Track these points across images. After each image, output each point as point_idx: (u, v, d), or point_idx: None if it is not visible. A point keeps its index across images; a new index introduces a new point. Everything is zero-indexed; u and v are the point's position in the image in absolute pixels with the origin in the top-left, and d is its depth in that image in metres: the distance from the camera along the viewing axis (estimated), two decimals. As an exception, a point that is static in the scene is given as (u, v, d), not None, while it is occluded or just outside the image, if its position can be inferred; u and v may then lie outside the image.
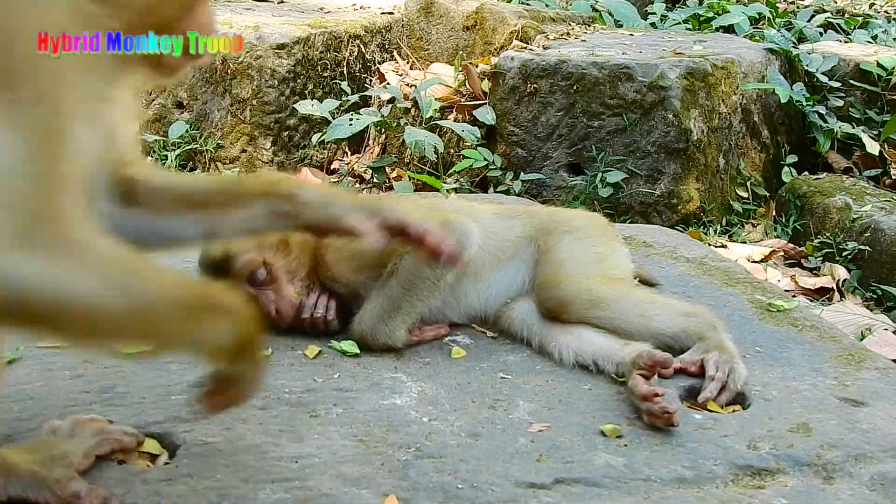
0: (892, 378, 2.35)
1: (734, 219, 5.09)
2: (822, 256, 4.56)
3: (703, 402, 2.17)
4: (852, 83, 5.69)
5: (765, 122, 5.46)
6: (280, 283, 2.45)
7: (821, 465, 1.94)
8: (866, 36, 7.31)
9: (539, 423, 2.06)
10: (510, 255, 2.57)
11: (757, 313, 2.70)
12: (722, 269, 3.08)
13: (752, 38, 6.37)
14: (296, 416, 2.05)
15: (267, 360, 2.28)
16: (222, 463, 1.85)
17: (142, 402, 2.06)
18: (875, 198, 4.71)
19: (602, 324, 2.36)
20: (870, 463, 1.96)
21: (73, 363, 2.23)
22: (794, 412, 2.14)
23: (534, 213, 2.77)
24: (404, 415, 2.08)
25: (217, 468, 1.83)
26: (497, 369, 2.33)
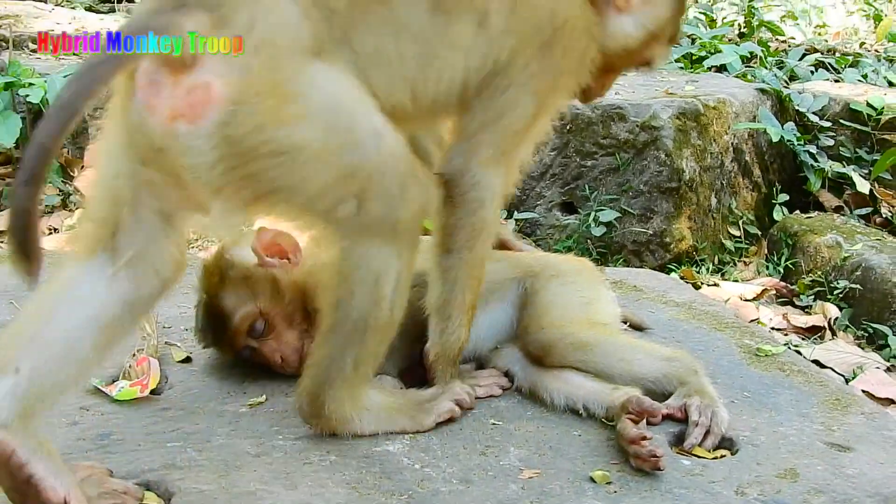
0: (878, 423, 2.37)
1: (726, 257, 5.11)
2: (814, 295, 4.58)
3: (689, 447, 2.19)
4: (843, 122, 5.73)
5: (756, 161, 5.49)
6: (280, 330, 2.45)
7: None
8: (857, 75, 7.34)
9: (530, 470, 2.08)
10: (497, 297, 2.59)
11: (745, 358, 2.73)
12: (711, 313, 3.11)
13: (743, 78, 6.40)
14: (290, 463, 2.06)
15: (261, 406, 2.33)
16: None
17: (137, 450, 2.09)
18: (866, 236, 4.74)
19: (585, 367, 2.38)
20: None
21: (69, 410, 2.25)
22: (781, 457, 2.17)
23: (521, 256, 2.79)
24: (397, 461, 2.09)
25: (211, 516, 1.85)
26: (488, 415, 2.34)
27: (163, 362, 2.51)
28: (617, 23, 2.39)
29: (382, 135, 1.98)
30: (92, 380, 2.37)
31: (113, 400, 2.31)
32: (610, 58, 2.43)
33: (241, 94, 1.81)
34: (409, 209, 2.02)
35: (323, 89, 1.93)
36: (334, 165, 1.93)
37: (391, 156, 1.99)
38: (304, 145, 1.88)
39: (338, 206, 1.95)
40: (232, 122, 1.81)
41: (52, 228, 5.14)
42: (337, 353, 2.10)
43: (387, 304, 2.06)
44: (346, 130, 1.94)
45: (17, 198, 1.72)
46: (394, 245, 2.03)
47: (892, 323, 4.29)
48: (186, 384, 2.45)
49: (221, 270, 2.44)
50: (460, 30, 2.13)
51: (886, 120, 5.62)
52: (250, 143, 1.84)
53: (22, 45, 6.54)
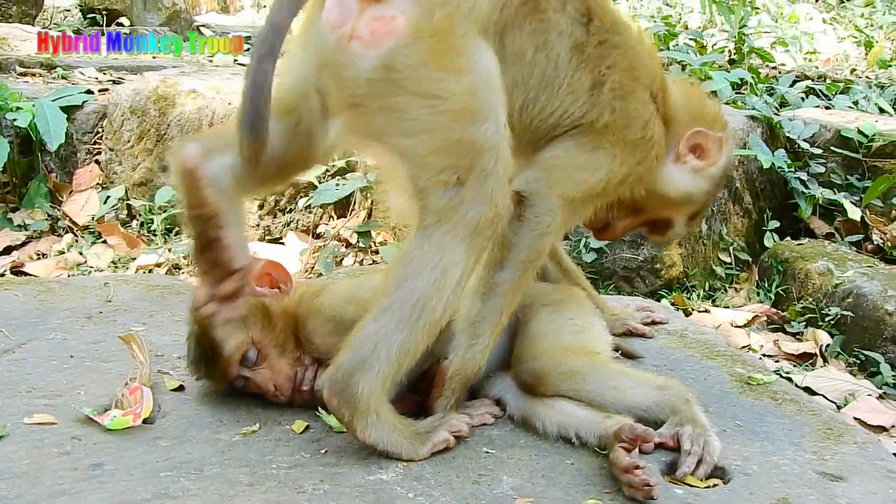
0: (871, 453, 2.39)
1: (717, 283, 5.14)
2: (805, 321, 4.60)
3: (681, 476, 2.21)
4: (833, 149, 5.76)
5: (747, 187, 5.52)
6: (272, 358, 2.47)
7: (800, 542, 1.99)
8: (847, 101, 7.39)
9: (523, 499, 2.09)
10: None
11: (737, 387, 2.75)
12: (702, 341, 3.13)
13: (734, 105, 6.44)
14: (283, 493, 2.07)
15: (254, 435, 2.34)
16: (210, 541, 1.88)
17: (129, 480, 2.09)
18: (857, 263, 4.76)
19: (577, 396, 2.40)
20: (848, 539, 2.00)
21: (61, 440, 2.26)
22: (773, 487, 2.18)
23: None
24: (390, 490, 2.11)
25: (205, 547, 1.86)
26: (481, 443, 2.36)
27: (155, 391, 2.51)
28: (671, 169, 2.64)
29: (501, 127, 2.16)
30: (84, 409, 2.39)
31: (105, 429, 2.32)
32: (649, 198, 2.65)
33: (420, 31, 2.05)
34: (492, 209, 2.15)
35: (482, 60, 2.15)
36: (458, 129, 2.10)
37: (501, 149, 2.16)
38: (447, 97, 2.08)
39: (441, 176, 2.11)
40: (401, 52, 2.05)
41: (40, 253, 5.14)
42: (386, 334, 2.15)
43: (445, 297, 2.15)
44: (482, 105, 2.13)
45: (253, 73, 1.98)
46: (467, 245, 2.14)
47: (884, 350, 4.31)
48: (179, 413, 2.46)
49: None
50: (581, 78, 2.39)
51: (877, 147, 5.65)
52: (406, 76, 2.07)
53: (9, 69, 6.55)
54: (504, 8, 2.23)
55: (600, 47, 2.42)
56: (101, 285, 3.45)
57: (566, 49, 2.36)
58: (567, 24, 2.36)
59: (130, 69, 6.93)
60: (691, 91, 2.77)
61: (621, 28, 2.52)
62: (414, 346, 2.17)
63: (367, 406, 2.17)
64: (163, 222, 5.26)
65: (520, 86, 2.33)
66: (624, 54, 2.48)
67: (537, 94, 2.36)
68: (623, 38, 2.50)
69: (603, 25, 2.44)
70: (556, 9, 2.35)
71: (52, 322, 3.04)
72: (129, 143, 5.55)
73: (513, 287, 2.39)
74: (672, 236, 2.89)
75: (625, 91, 2.45)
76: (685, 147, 2.64)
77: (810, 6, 14.60)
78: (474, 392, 2.57)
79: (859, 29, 11.64)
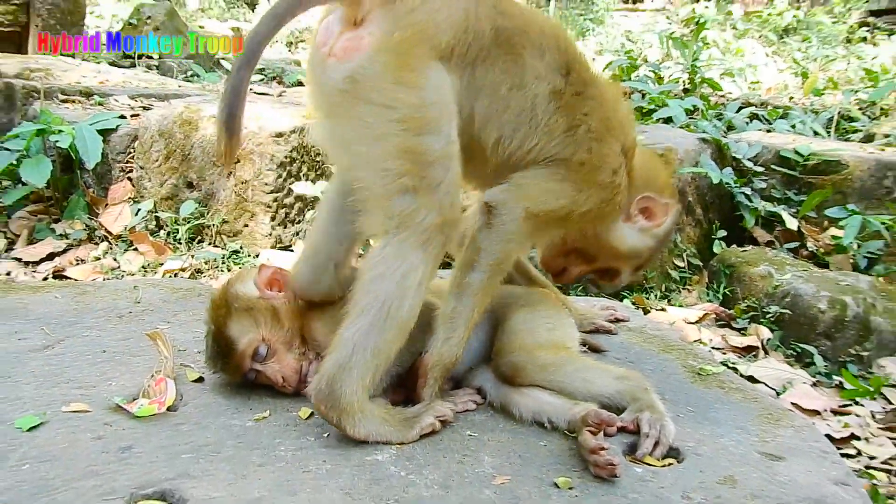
0: (806, 435, 2.39)
1: (672, 285, 5.15)
2: (749, 318, 4.62)
3: (640, 457, 2.21)
4: (774, 168, 5.79)
5: (698, 201, 5.53)
6: (280, 354, 2.46)
7: (745, 514, 1.98)
8: (786, 125, 7.43)
9: (501, 476, 2.08)
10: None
11: (689, 377, 2.74)
12: (659, 337, 3.13)
13: (687, 129, 6.46)
14: (291, 472, 2.06)
15: (265, 420, 2.33)
16: (225, 516, 1.86)
17: (155, 461, 2.08)
18: (794, 268, 4.79)
19: (549, 386, 2.39)
20: (787, 512, 1.99)
21: (95, 426, 2.24)
22: (721, 466, 2.18)
23: None
24: (385, 469, 2.10)
25: (221, 521, 1.85)
26: (465, 427, 2.35)
27: (178, 382, 2.50)
28: (622, 226, 2.66)
29: (451, 142, 2.17)
30: (115, 398, 2.37)
31: (133, 416, 2.31)
32: (601, 249, 2.70)
33: (380, 49, 2.10)
34: (441, 216, 2.14)
35: (436, 79, 2.16)
36: (408, 138, 2.12)
37: (451, 162, 2.17)
38: (397, 107, 2.10)
39: (395, 183, 2.12)
40: (364, 66, 2.10)
41: (79, 259, 5.12)
42: (360, 337, 2.14)
43: (408, 298, 2.13)
44: (432, 117, 2.14)
45: (232, 79, 2.08)
46: (422, 250, 2.14)
47: (817, 343, 4.34)
48: (199, 401, 2.44)
49: (227, 303, 2.46)
50: (558, 121, 2.37)
51: (812, 165, 5.68)
52: (367, 86, 2.11)
53: (52, 96, 6.53)
54: (473, 44, 2.23)
55: (577, 97, 2.40)
56: (131, 288, 3.43)
57: (544, 93, 2.34)
58: (545, 70, 2.34)
59: (159, 97, 6.92)
60: (649, 159, 2.78)
61: (599, 85, 2.50)
62: (386, 345, 2.16)
63: (352, 406, 2.17)
64: (186, 232, 5.24)
65: (494, 119, 2.32)
66: (600, 106, 2.46)
67: (514, 130, 2.34)
68: (600, 94, 2.48)
69: (581, 79, 2.43)
70: (532, 55, 2.33)
71: (88, 321, 3.02)
72: (157, 162, 5.52)
73: (482, 287, 2.38)
74: (619, 283, 2.88)
75: (600, 136, 2.43)
76: (636, 208, 2.65)
77: (754, 42, 14.68)
78: (459, 383, 2.56)
79: (796, 62, 11.69)
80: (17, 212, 5.53)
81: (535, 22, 2.39)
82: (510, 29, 2.30)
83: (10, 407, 2.33)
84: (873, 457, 3.39)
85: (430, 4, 2.17)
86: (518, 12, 2.36)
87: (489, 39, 2.25)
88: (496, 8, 2.30)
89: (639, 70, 9.10)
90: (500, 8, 2.31)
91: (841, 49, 13.73)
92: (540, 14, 2.49)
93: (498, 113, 2.31)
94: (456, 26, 2.20)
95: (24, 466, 2.03)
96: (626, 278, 2.85)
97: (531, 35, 2.34)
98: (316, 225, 2.57)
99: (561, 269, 2.78)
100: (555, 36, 2.41)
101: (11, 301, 3.19)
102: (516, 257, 2.50)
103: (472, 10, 2.24)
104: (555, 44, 2.39)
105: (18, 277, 4.81)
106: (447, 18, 2.19)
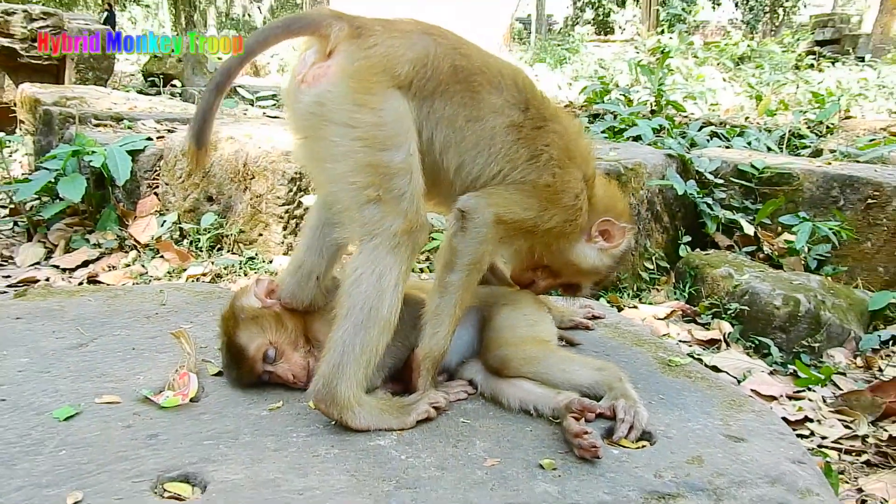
0: (765, 419, 2.37)
1: (643, 285, 5.15)
2: (712, 314, 4.62)
3: (616, 440, 2.19)
4: (732, 180, 5.80)
5: (665, 210, 5.54)
6: (288, 353, 2.43)
7: (711, 490, 1.95)
8: (743, 142, 7.45)
9: (492, 459, 2.07)
10: (462, 322, 2.55)
11: (660, 368, 2.73)
12: (632, 332, 3.11)
13: (655, 146, 6.47)
14: (302, 456, 2.04)
15: (278, 410, 2.31)
16: (244, 496, 1.84)
17: (179, 447, 2.06)
18: (752, 269, 4.79)
19: (534, 377, 2.37)
20: (749, 487, 1.97)
21: (125, 415, 2.22)
22: (689, 447, 2.16)
23: (479, 289, 2.78)
24: (387, 453, 2.08)
25: (240, 500, 1.82)
26: (458, 415, 2.33)
27: (200, 375, 2.48)
28: (583, 246, 2.64)
29: (411, 155, 2.16)
30: (143, 390, 2.35)
31: (160, 407, 2.28)
32: (565, 266, 2.68)
33: (343, 76, 2.12)
34: (407, 223, 2.14)
35: (393, 103, 2.17)
36: (369, 154, 2.12)
37: (413, 173, 2.16)
38: (358, 126, 2.11)
39: (363, 195, 2.13)
40: (328, 90, 2.13)
41: (111, 266, 5.09)
42: (349, 337, 2.13)
43: (386, 299, 2.12)
44: (391, 135, 2.14)
45: (203, 100, 2.10)
46: (394, 253, 2.13)
47: (773, 336, 4.34)
48: (219, 393, 2.42)
49: (234, 315, 2.44)
50: (518, 151, 2.35)
51: (766, 178, 5.70)
52: (331, 108, 2.12)
53: (86, 121, 6.52)
54: (431, 79, 2.22)
55: (538, 130, 2.39)
56: (157, 292, 3.41)
57: (502, 125, 2.32)
58: (502, 105, 2.33)
59: (182, 121, 6.91)
60: (609, 186, 2.76)
61: (560, 120, 2.48)
62: (372, 342, 2.14)
63: (350, 402, 2.15)
64: (207, 241, 5.22)
65: (454, 147, 2.30)
66: (561, 138, 2.43)
67: (474, 158, 2.33)
68: (562, 128, 2.46)
69: (540, 114, 2.41)
70: (489, 91, 2.31)
71: (118, 321, 3.00)
72: (180, 179, 5.51)
73: (462, 285, 2.35)
74: (581, 296, 2.91)
75: (562, 164, 2.42)
76: (596, 230, 2.64)
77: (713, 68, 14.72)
78: (452, 375, 2.55)
79: (751, 86, 11.72)
80: (55, 224, 5.52)
81: (493, 64, 2.37)
82: (469, 68, 2.29)
83: (49, 399, 2.31)
84: (825, 437, 3.39)
85: (391, 41, 2.20)
86: (477, 54, 2.35)
87: (447, 75, 2.25)
88: (456, 49, 2.30)
89: (611, 94, 9.11)
90: (460, 50, 2.30)
91: (791, 75, 13.78)
92: (499, 58, 2.46)
93: (456, 142, 2.30)
94: (415, 61, 2.20)
95: (61, 452, 2.01)
96: (587, 292, 2.87)
97: (489, 74, 2.33)
98: (300, 240, 2.55)
99: (529, 282, 2.77)
100: (513, 76, 2.39)
101: (50, 304, 3.17)
102: (490, 259, 2.46)
103: (432, 48, 2.24)
104: (512, 83, 2.37)
105: (56, 283, 4.79)
106: (407, 53, 2.20)
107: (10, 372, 2.49)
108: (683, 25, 19.68)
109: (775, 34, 19.43)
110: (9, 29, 10.04)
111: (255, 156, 5.21)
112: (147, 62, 12.48)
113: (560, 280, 2.77)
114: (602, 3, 37.06)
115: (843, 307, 4.49)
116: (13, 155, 8.24)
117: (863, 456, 3.22)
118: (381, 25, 2.23)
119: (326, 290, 2.50)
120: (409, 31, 2.26)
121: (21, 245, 5.43)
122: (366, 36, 2.18)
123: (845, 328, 4.39)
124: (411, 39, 2.23)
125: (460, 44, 2.34)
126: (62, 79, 10.35)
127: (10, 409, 2.24)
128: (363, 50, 2.16)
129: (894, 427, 3.42)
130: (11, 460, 1.96)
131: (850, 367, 4.21)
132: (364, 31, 2.19)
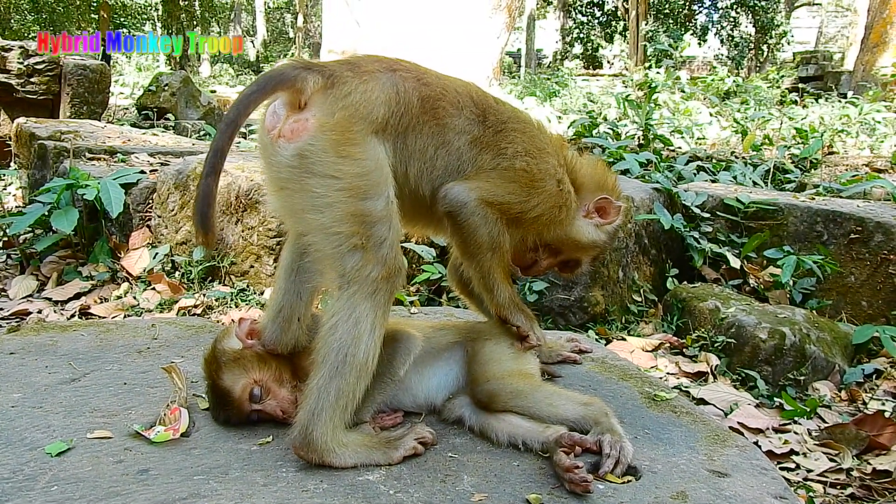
0: (749, 454, 2.39)
1: (631, 318, 5.16)
2: (699, 347, 4.64)
3: (602, 474, 2.19)
4: (718, 214, 5.84)
5: (653, 243, 5.57)
6: (274, 390, 2.43)
7: (694, 525, 1.98)
8: (729, 177, 7.51)
9: (479, 494, 2.07)
10: (446, 357, 2.60)
11: (645, 402, 2.74)
12: (619, 367, 3.13)
13: (642, 179, 6.52)
14: (291, 491, 2.05)
15: (268, 445, 2.31)
16: (233, 532, 1.85)
17: (170, 482, 2.06)
18: (738, 302, 4.82)
19: (522, 411, 2.38)
20: (732, 522, 2.00)
21: (116, 450, 2.23)
22: (674, 482, 2.18)
23: (462, 325, 2.81)
24: (375, 488, 2.09)
25: (228, 536, 1.83)
26: (447, 450, 2.34)
27: (191, 411, 2.48)
28: (582, 222, 2.76)
29: (391, 202, 2.21)
30: (134, 426, 2.36)
31: (151, 442, 2.29)
32: (565, 242, 2.75)
33: (323, 128, 2.14)
34: (386, 269, 2.18)
35: (373, 151, 2.20)
36: (352, 204, 2.15)
37: (392, 220, 2.21)
38: (342, 177, 2.14)
39: (346, 243, 2.16)
40: (310, 143, 2.14)
41: (103, 298, 5.09)
42: (324, 383, 2.14)
43: (362, 344, 2.14)
44: (373, 184, 2.18)
45: (201, 186, 2.09)
46: (371, 299, 2.16)
47: (759, 369, 4.36)
48: (210, 428, 2.42)
49: (216, 359, 2.44)
50: (483, 157, 2.44)
51: (752, 212, 5.73)
52: (313, 161, 2.14)
53: (80, 154, 6.54)
54: (404, 115, 2.28)
55: (498, 134, 2.47)
56: (149, 326, 3.42)
57: (465, 143, 2.41)
58: (463, 124, 2.41)
59: (174, 154, 6.95)
60: (597, 164, 2.86)
61: (520, 119, 2.57)
62: (348, 388, 2.16)
63: (328, 445, 2.16)
64: (199, 273, 5.23)
65: (425, 176, 2.38)
66: (523, 134, 2.53)
67: (444, 180, 2.41)
68: (522, 126, 2.55)
69: (499, 119, 2.49)
70: (451, 114, 2.38)
71: (110, 356, 3.01)
72: (173, 212, 5.53)
73: (486, 264, 2.49)
74: (579, 273, 2.96)
75: (531, 153, 2.51)
76: (593, 207, 2.76)
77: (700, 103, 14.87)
78: (439, 411, 2.55)
79: (737, 121, 11.82)
80: (48, 256, 5.52)
81: (450, 86, 2.44)
82: (432, 96, 2.36)
83: (41, 434, 2.31)
84: (810, 470, 3.40)
85: (363, 86, 2.22)
86: (436, 80, 2.42)
87: (417, 108, 2.31)
88: (419, 80, 2.36)
89: (599, 127, 9.19)
90: (422, 80, 2.37)
91: (775, 110, 13.92)
92: (453, 77, 2.53)
93: (428, 171, 2.38)
94: (388, 101, 2.25)
95: (52, 488, 2.01)
96: (586, 268, 2.95)
97: (449, 97, 2.41)
98: (277, 285, 2.56)
99: (531, 263, 2.82)
100: (468, 92, 2.48)
101: (43, 339, 3.17)
102: (504, 239, 2.51)
103: (400, 85, 2.30)
104: (469, 99, 2.46)
105: (49, 316, 4.78)
106: (380, 96, 2.24)
107: (3, 407, 2.49)
108: (670, 61, 19.92)
109: (760, 70, 19.67)
110: (5, 65, 10.11)
111: (246, 188, 5.24)
112: (141, 96, 12.52)
113: (561, 258, 2.85)
114: (590, 39, 37.44)
115: (827, 340, 4.53)
116: (7, 188, 8.26)
117: (847, 489, 3.24)
118: (350, 70, 2.25)
119: (308, 329, 2.53)
120: (376, 72, 2.30)
121: (14, 278, 5.43)
122: (339, 84, 2.20)
123: (830, 361, 4.42)
124: (380, 80, 2.28)
125: (420, 73, 2.41)
126: (57, 113, 10.39)
127: (3, 444, 2.25)
128: (339, 100, 2.19)
129: (878, 460, 3.43)
130: (4, 496, 1.96)
131: (834, 400, 4.23)
132: (336, 80, 2.21)
